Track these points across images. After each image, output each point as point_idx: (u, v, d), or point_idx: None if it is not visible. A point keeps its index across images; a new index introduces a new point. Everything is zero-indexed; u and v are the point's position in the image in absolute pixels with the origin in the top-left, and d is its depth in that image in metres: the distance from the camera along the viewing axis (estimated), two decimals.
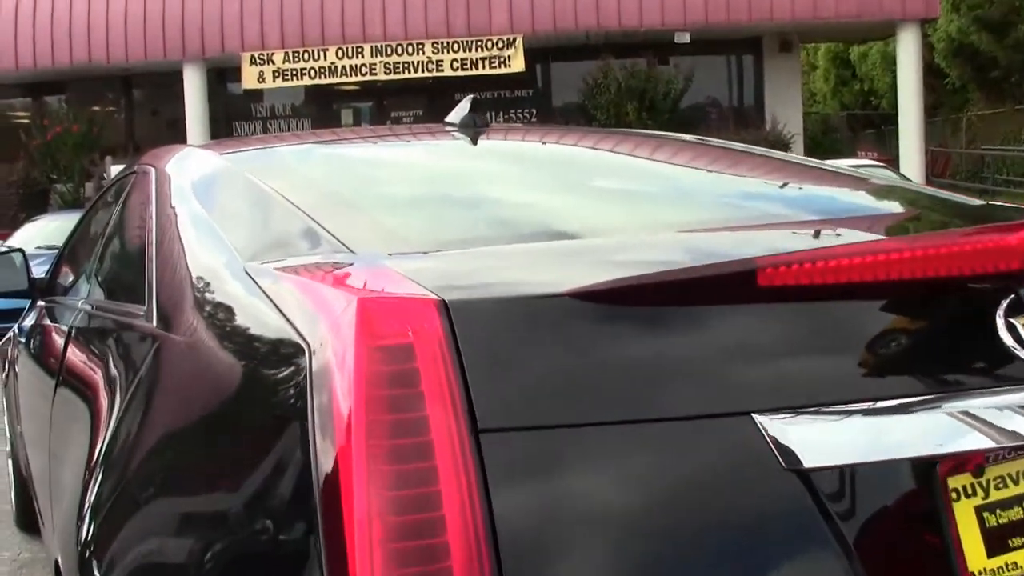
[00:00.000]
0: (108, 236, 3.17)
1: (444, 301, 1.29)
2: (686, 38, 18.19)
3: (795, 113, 19.78)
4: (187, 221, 2.28)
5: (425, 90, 19.78)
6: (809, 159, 2.88)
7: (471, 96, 2.89)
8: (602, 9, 18.02)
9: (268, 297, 1.59)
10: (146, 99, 21.23)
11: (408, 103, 20.05)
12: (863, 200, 2.33)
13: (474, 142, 2.76)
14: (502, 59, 18.22)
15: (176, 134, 19.12)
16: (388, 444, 1.22)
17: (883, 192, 2.41)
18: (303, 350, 1.37)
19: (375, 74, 18.36)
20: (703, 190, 2.39)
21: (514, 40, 18.12)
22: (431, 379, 1.24)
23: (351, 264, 1.58)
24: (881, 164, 16.44)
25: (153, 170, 2.76)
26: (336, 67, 18.37)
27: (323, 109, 20.12)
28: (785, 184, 2.44)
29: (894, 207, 2.30)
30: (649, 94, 18.39)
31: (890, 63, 26.73)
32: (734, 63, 20.49)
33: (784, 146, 18.45)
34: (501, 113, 20.01)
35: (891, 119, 28.38)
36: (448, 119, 2.91)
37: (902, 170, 16.84)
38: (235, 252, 1.87)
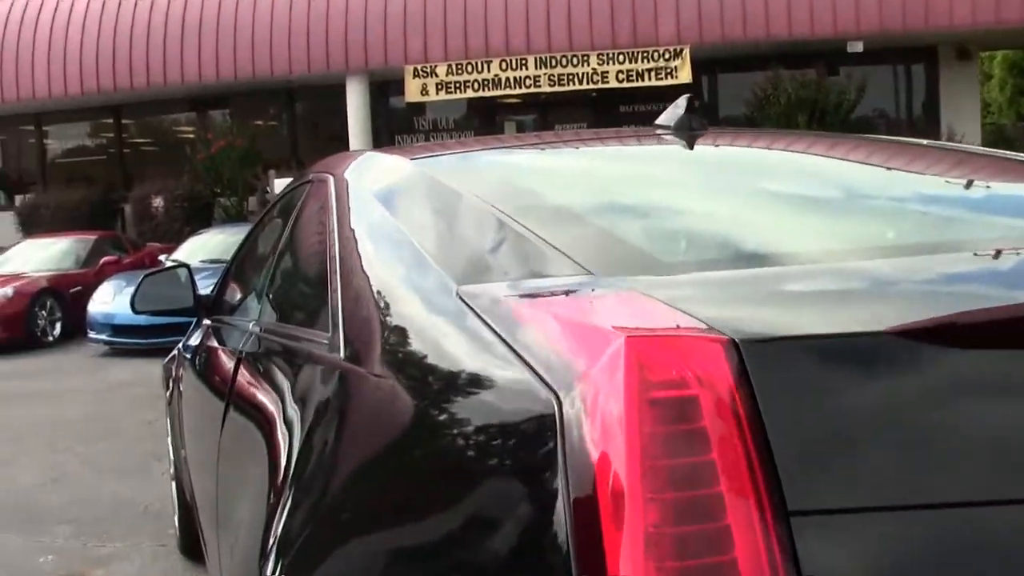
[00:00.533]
0: (280, 252, 2.92)
1: (734, 340, 1.02)
2: (859, 47, 17.59)
3: (973, 124, 18.95)
4: (378, 236, 2.00)
5: (589, 102, 19.56)
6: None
7: (687, 96, 2.62)
8: (772, 18, 17.53)
9: (493, 329, 1.31)
10: (308, 113, 21.41)
11: (572, 115, 19.82)
12: None
13: (692, 147, 2.49)
14: (668, 70, 17.86)
15: (338, 147, 19.15)
16: (672, 532, 0.96)
17: None
18: (547, 398, 1.10)
19: (539, 86, 18.17)
20: (952, 198, 2.06)
21: (681, 50, 17.75)
22: (725, 443, 0.98)
23: (595, 289, 1.30)
24: None
25: (331, 178, 2.48)
26: (500, 79, 18.23)
27: (485, 122, 20.02)
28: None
29: None
30: (820, 105, 17.82)
31: None
32: (908, 72, 19.79)
33: None
34: None
35: None
36: (660, 120, 2.65)
37: None
38: (444, 273, 1.60)
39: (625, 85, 18.05)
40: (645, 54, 17.86)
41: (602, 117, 19.55)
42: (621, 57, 17.91)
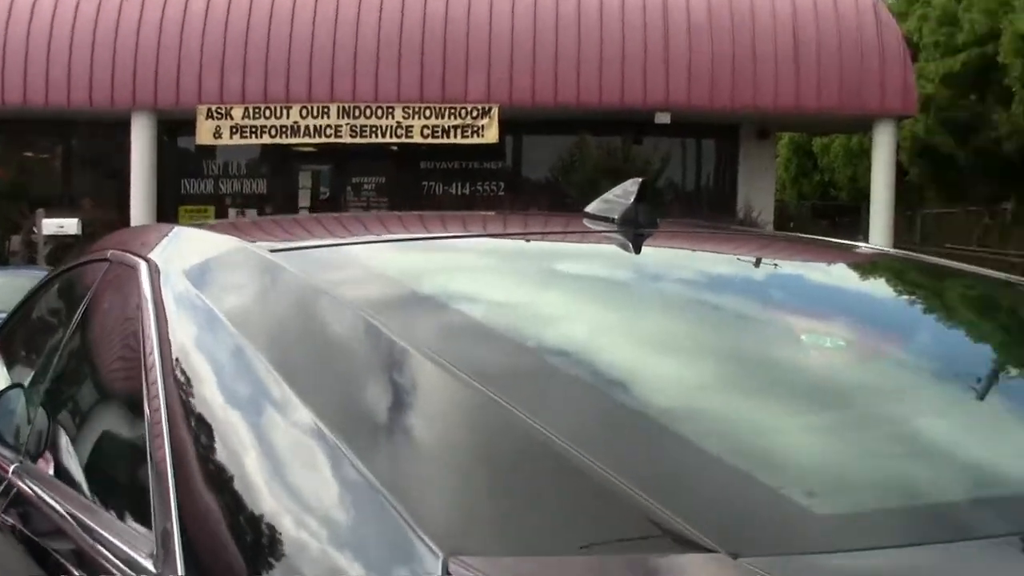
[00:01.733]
0: (60, 365, 2.00)
1: None
2: (666, 119, 17.57)
3: (768, 200, 19.30)
4: (235, 380, 1.31)
5: (391, 156, 18.83)
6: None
7: (639, 180, 2.10)
8: (583, 85, 17.32)
9: None
10: (86, 148, 19.73)
11: (372, 169, 19.09)
12: None
13: (638, 252, 1.93)
14: (476, 128, 17.36)
15: (118, 187, 17.89)
16: None
17: None
18: None
19: (340, 136, 17.32)
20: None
21: (490, 109, 17.29)
22: None
23: None
24: None
25: (143, 265, 1.70)
26: (299, 127, 17.31)
27: (280, 170, 19.06)
28: None
29: None
30: (625, 173, 17.64)
31: (851, 156, 26.77)
32: (710, 147, 19.95)
33: None
34: (468, 185, 19.14)
35: (847, 211, 28.43)
36: (596, 208, 2.09)
37: None
38: (359, 462, 1.06)
39: (431, 141, 17.45)
40: (453, 110, 17.31)
41: (403, 172, 18.91)
42: (428, 112, 17.30)
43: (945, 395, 1.43)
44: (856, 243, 2.71)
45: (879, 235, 18.22)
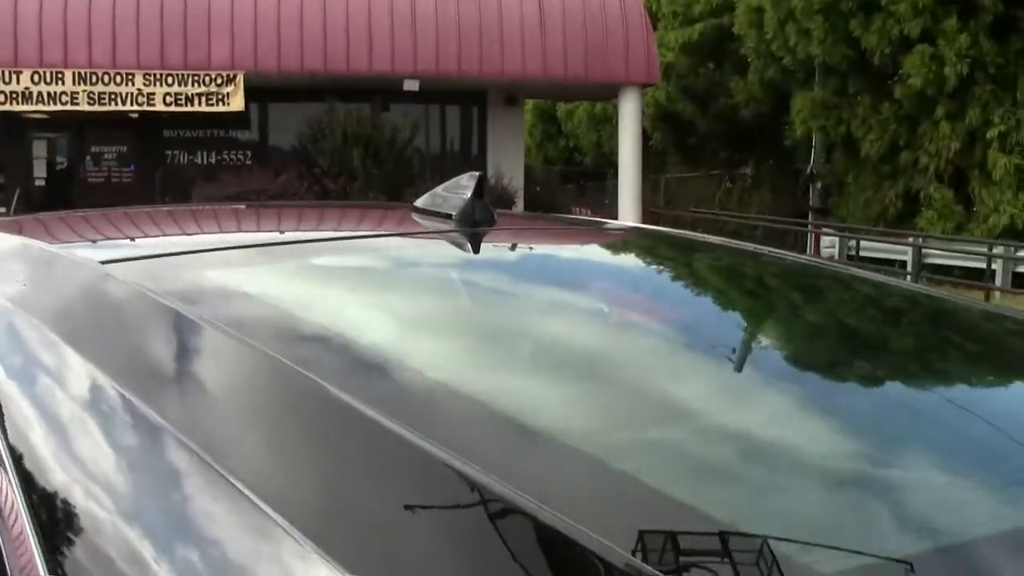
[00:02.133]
0: None
1: None
2: (415, 86, 17.60)
3: (518, 167, 19.61)
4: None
5: (132, 125, 18.15)
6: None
7: (476, 174, 1.95)
8: (330, 53, 17.12)
9: None
10: None
11: (112, 138, 18.35)
12: None
13: (477, 251, 1.84)
14: (220, 96, 16.93)
15: None
16: None
17: None
18: None
19: (77, 104, 16.56)
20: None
21: (234, 77, 16.88)
22: None
23: None
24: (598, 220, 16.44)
25: None
26: (31, 93, 16.45)
27: (12, 138, 18.05)
28: None
29: None
30: (375, 142, 17.63)
31: (595, 122, 27.42)
32: (459, 113, 20.08)
33: (510, 200, 18.26)
34: (214, 154, 18.67)
35: (592, 175, 29.17)
36: (427, 203, 1.97)
37: None
38: None
39: (173, 109, 16.91)
40: (196, 78, 16.81)
41: (146, 141, 18.27)
42: (170, 79, 16.74)
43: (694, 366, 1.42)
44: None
45: (628, 199, 18.78)
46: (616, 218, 18.72)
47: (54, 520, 0.99)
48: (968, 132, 17.57)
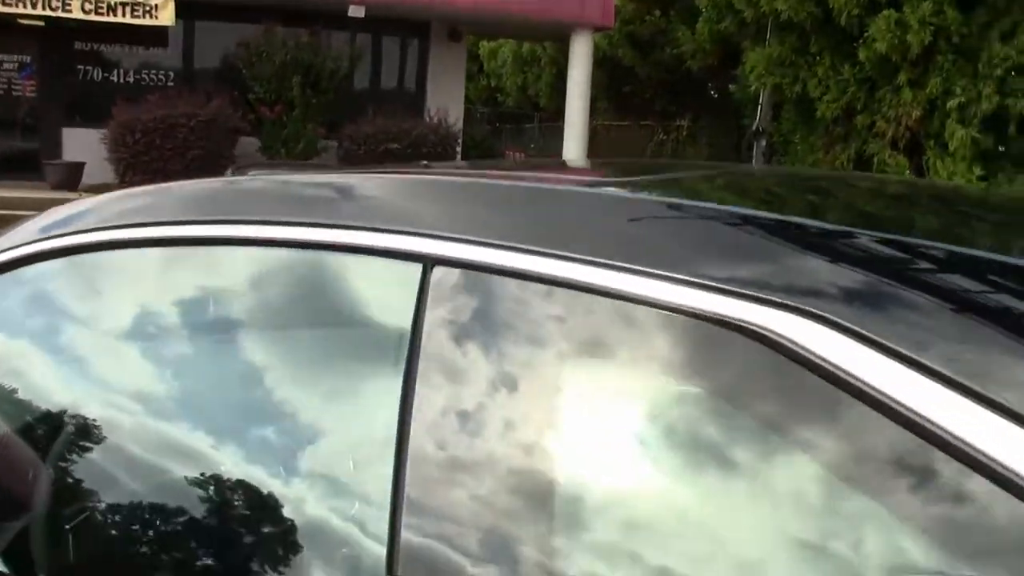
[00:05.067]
0: None
1: None
2: (360, 12, 16.20)
3: (458, 107, 18.40)
4: None
5: (38, 33, 16.31)
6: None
7: None
8: None
9: None
10: None
11: (14, 46, 16.47)
12: None
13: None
14: (148, 8, 15.25)
15: None
16: None
17: None
18: None
19: None
20: None
21: None
22: None
23: None
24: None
25: None
26: None
27: None
28: None
29: None
30: (316, 69, 16.24)
31: (522, 63, 26.26)
32: (400, 46, 18.71)
33: (453, 141, 17.18)
34: (132, 73, 16.97)
35: (517, 118, 28.06)
36: None
37: None
38: None
39: (93, 18, 15.16)
40: None
41: (53, 53, 16.47)
42: None
43: None
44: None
45: (574, 144, 17.95)
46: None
47: None
48: (928, 101, 17.20)
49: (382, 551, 1.12)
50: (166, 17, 15.35)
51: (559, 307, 1.13)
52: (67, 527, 1.38)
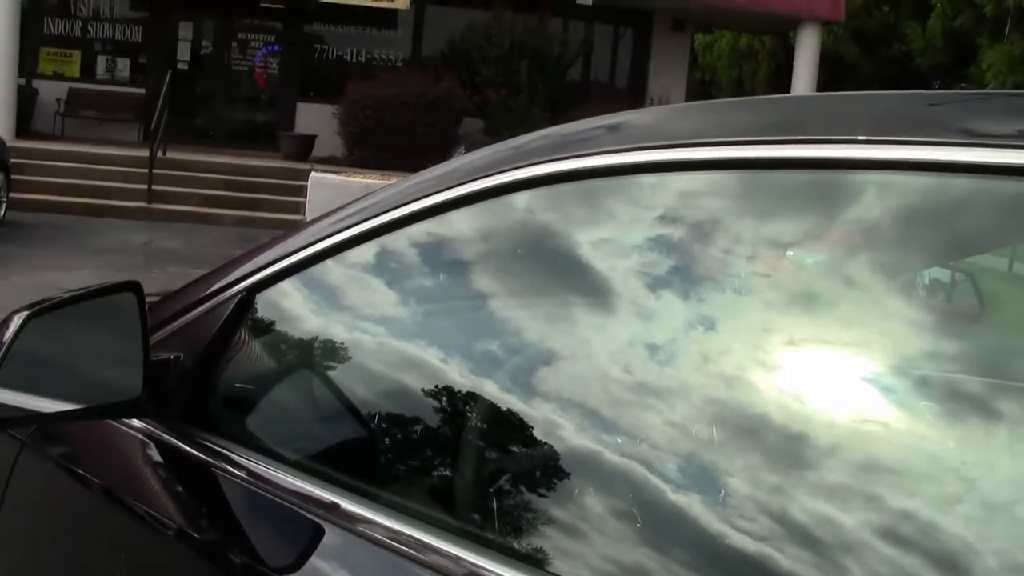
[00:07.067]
0: None
1: None
2: (589, 0, 16.32)
3: (679, 95, 18.31)
4: None
5: (279, 15, 17.04)
6: None
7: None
8: None
9: None
10: None
11: (258, 26, 17.28)
12: None
13: None
14: None
15: None
16: None
17: None
18: None
19: None
20: None
21: None
22: None
23: None
24: None
25: None
26: None
27: (157, 18, 17.02)
28: None
29: None
30: (543, 54, 16.43)
31: (738, 57, 25.92)
32: (623, 35, 18.76)
33: None
34: (364, 52, 17.54)
35: None
36: None
37: None
38: None
39: (333, 0, 15.73)
40: None
41: (292, 32, 17.19)
42: None
43: None
44: None
45: None
46: None
47: None
48: None
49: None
50: (402, 1, 15.78)
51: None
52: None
